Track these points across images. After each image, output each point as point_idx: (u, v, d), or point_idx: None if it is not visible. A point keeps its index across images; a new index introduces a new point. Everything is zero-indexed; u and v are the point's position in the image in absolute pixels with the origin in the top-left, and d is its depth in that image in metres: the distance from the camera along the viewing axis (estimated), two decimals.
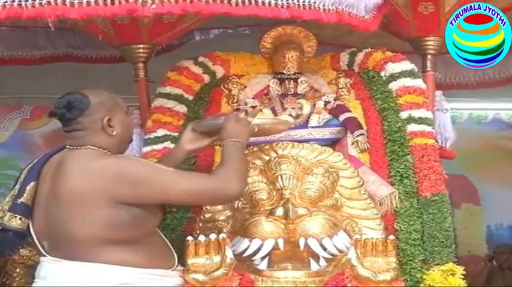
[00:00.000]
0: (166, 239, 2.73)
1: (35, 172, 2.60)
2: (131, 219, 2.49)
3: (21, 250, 4.45)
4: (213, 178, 2.57)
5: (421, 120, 3.25)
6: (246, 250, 2.80)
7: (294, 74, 3.44)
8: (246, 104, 3.36)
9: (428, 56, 3.57)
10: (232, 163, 2.59)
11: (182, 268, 2.74)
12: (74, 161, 2.53)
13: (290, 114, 3.30)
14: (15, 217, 2.54)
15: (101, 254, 2.48)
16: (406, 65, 3.38)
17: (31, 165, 2.64)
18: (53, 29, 2.55)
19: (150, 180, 2.47)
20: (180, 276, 2.71)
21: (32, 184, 2.57)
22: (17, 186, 2.60)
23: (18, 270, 4.49)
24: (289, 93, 3.40)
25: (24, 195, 2.55)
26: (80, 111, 2.56)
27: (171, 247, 2.71)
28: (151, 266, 2.56)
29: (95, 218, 2.45)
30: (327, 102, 3.35)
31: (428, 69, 3.58)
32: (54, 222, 2.51)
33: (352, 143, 3.24)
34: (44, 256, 2.57)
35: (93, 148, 2.56)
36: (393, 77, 3.35)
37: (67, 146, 2.62)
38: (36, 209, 2.58)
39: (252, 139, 3.11)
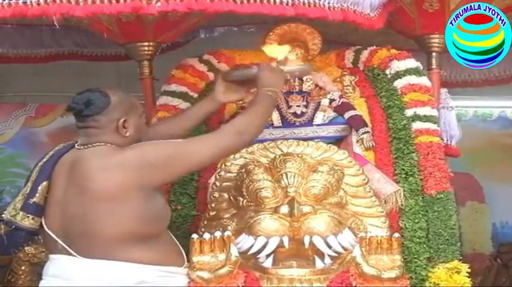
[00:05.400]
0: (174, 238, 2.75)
1: (47, 172, 2.60)
2: (158, 210, 2.56)
3: (26, 248, 4.45)
4: (229, 133, 2.65)
5: (426, 118, 3.25)
6: (251, 247, 2.79)
7: None
8: None
9: (434, 54, 3.57)
10: (256, 113, 2.72)
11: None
12: (92, 159, 2.53)
13: (295, 112, 3.30)
14: (28, 216, 2.56)
15: (121, 252, 2.48)
16: (411, 63, 3.38)
17: (42, 164, 2.64)
18: (58, 27, 2.55)
19: (173, 157, 2.55)
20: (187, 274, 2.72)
21: (45, 183, 2.57)
22: (29, 184, 2.60)
23: (23, 268, 4.49)
24: (294, 91, 3.40)
25: (37, 195, 2.56)
26: (98, 110, 2.57)
27: (179, 245, 2.72)
28: (167, 264, 2.59)
29: (125, 214, 2.47)
30: (331, 100, 3.34)
31: (434, 67, 3.58)
32: (76, 221, 2.50)
33: (357, 141, 3.24)
34: (57, 253, 2.56)
35: (106, 144, 2.57)
36: (398, 75, 3.35)
37: (76, 145, 2.62)
38: (51, 208, 2.58)
39: (259, 137, 3.12)
